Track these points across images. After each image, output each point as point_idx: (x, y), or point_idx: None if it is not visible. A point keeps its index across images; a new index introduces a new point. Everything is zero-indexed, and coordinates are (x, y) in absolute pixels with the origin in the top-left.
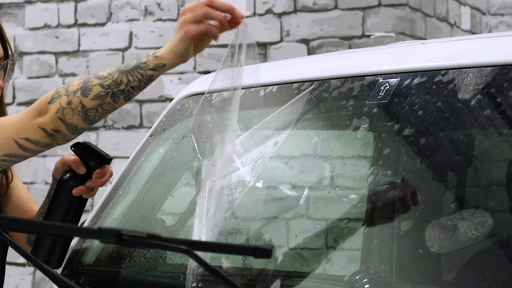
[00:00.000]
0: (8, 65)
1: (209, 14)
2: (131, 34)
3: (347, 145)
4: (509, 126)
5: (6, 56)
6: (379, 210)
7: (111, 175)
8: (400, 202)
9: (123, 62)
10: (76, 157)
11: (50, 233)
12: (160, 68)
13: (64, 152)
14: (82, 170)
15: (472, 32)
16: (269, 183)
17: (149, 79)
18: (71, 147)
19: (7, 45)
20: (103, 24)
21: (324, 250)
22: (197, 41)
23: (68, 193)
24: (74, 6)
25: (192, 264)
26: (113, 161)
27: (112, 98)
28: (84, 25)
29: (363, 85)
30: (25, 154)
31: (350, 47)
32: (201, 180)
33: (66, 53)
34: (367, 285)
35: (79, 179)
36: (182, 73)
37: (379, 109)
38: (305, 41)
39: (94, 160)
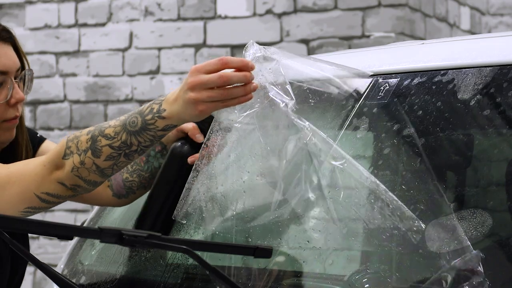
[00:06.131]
0: (27, 75)
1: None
2: (131, 34)
3: (347, 145)
4: (509, 126)
5: (23, 67)
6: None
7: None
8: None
9: (123, 62)
10: (194, 124)
11: (50, 233)
12: (171, 129)
13: None
14: (200, 138)
15: (471, 32)
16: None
17: (161, 137)
18: None
19: (23, 56)
20: (103, 24)
21: (324, 250)
22: None
23: (182, 160)
24: (74, 6)
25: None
26: None
27: (126, 157)
28: (85, 25)
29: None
30: (48, 206)
31: (350, 47)
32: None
33: (66, 53)
34: (367, 285)
35: (194, 147)
36: (182, 73)
37: (379, 109)
38: (305, 41)
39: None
